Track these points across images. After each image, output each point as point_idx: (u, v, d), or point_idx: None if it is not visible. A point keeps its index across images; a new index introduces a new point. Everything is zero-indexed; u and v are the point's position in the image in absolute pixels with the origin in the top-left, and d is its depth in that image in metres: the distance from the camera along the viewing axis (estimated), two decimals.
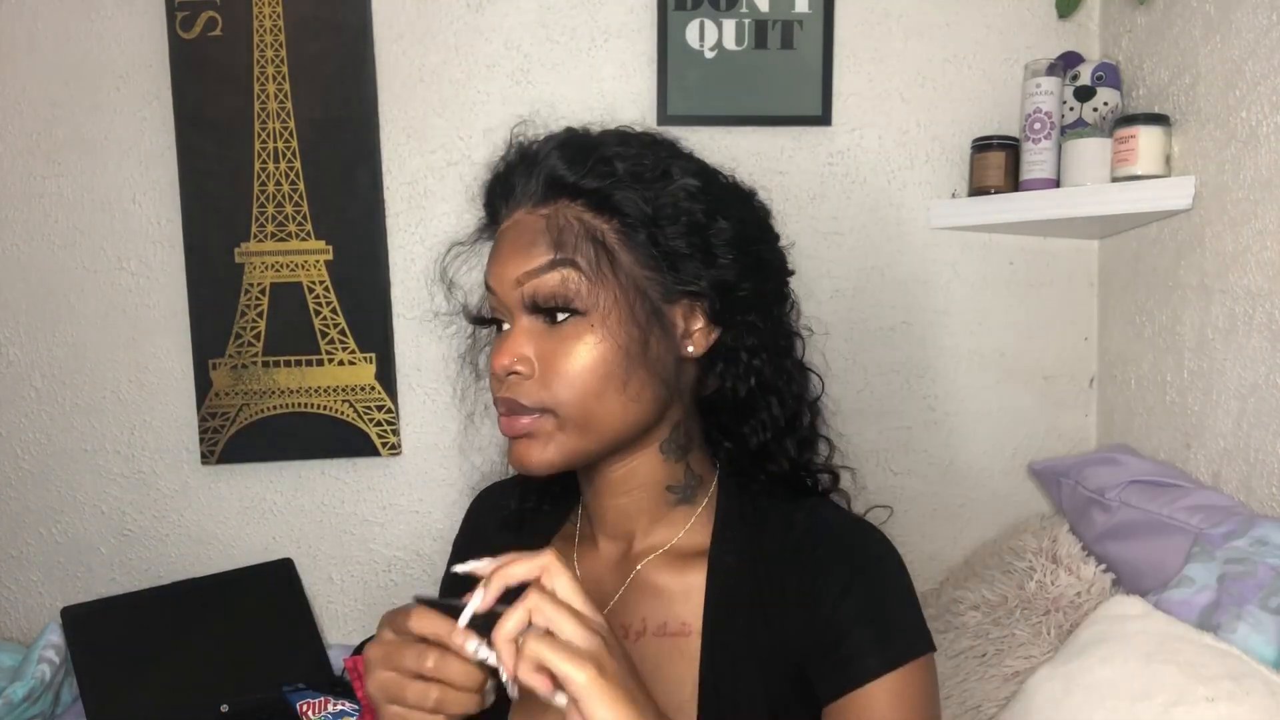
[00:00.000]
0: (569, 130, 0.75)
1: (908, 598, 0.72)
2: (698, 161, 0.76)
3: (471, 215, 0.81)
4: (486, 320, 0.77)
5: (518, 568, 0.57)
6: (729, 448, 0.77)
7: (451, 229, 1.52)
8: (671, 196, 0.70)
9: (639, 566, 0.76)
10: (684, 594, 0.74)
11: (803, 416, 0.79)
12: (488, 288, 0.73)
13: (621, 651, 0.58)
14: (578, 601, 0.57)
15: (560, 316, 0.69)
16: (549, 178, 0.71)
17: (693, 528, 0.77)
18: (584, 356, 0.68)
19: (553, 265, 0.68)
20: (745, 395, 0.74)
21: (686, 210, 0.70)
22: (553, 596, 0.56)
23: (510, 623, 0.55)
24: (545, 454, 0.70)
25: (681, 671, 0.72)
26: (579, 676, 0.53)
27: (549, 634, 0.55)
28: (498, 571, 0.57)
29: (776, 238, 0.80)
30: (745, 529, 0.75)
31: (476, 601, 0.56)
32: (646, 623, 0.75)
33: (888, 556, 0.73)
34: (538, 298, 0.69)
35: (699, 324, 0.73)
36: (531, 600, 0.55)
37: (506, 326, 0.72)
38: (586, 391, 0.68)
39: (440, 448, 1.57)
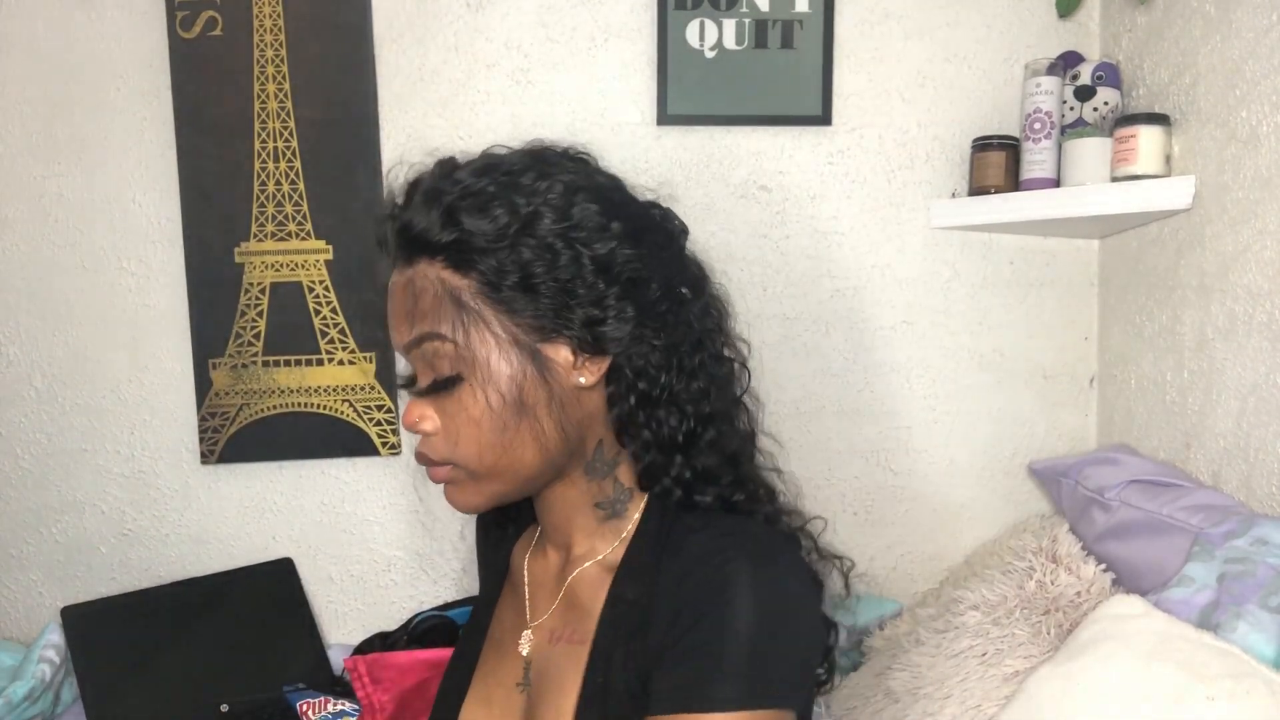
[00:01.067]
0: (436, 167, 0.74)
1: (793, 639, 0.66)
2: (564, 180, 0.71)
3: None
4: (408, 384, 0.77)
5: None
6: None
7: None
8: (528, 237, 0.68)
9: (569, 578, 0.78)
10: (592, 605, 0.75)
11: (719, 420, 0.76)
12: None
13: None
14: None
15: (441, 377, 0.70)
16: (406, 236, 0.70)
17: (619, 542, 0.77)
18: (471, 415, 0.69)
19: (420, 340, 0.70)
20: (626, 415, 0.73)
21: (545, 249, 0.68)
22: None
23: None
24: (467, 498, 0.74)
25: (572, 679, 0.72)
26: None
27: None
28: None
29: (665, 239, 0.77)
30: (652, 546, 0.74)
31: None
32: (564, 628, 0.77)
33: (784, 589, 0.68)
34: (424, 367, 0.71)
35: (585, 354, 0.71)
36: None
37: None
38: (482, 446, 0.70)
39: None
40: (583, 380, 0.71)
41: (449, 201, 0.69)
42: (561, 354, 0.71)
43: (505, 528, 0.91)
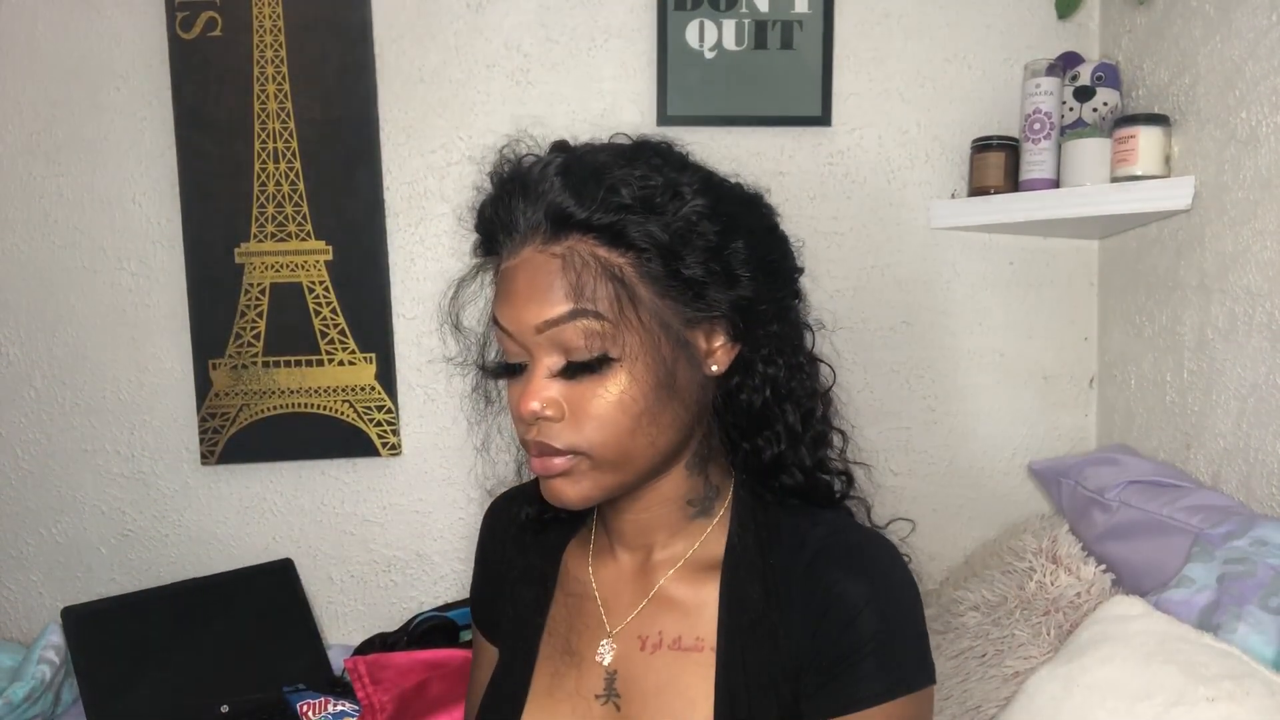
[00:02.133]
0: (564, 150, 0.72)
1: (917, 627, 0.71)
2: (702, 171, 0.73)
3: (471, 219, 0.77)
4: (501, 371, 0.74)
5: None
6: (746, 455, 0.76)
7: (451, 230, 1.52)
8: (685, 221, 0.67)
9: (660, 581, 0.76)
10: (699, 608, 0.74)
11: (816, 412, 0.78)
12: (499, 326, 0.70)
13: None
14: None
15: (587, 360, 0.66)
16: (557, 212, 0.66)
17: (709, 539, 0.76)
18: (614, 399, 0.66)
19: (574, 315, 0.65)
20: (761, 406, 0.73)
21: (701, 234, 0.68)
22: None
23: None
24: (581, 489, 0.70)
25: (697, 686, 0.72)
26: None
27: None
28: None
29: (785, 238, 0.79)
30: (757, 543, 0.74)
31: None
32: (663, 635, 0.75)
33: (902, 582, 0.72)
34: (562, 347, 0.67)
35: (720, 341, 0.71)
36: None
37: (523, 362, 0.69)
38: (620, 432, 0.67)
39: (440, 448, 1.57)
40: (715, 368, 0.71)
41: (609, 179, 0.66)
42: (700, 339, 0.70)
43: (545, 532, 0.87)
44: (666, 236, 0.66)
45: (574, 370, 0.67)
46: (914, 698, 0.68)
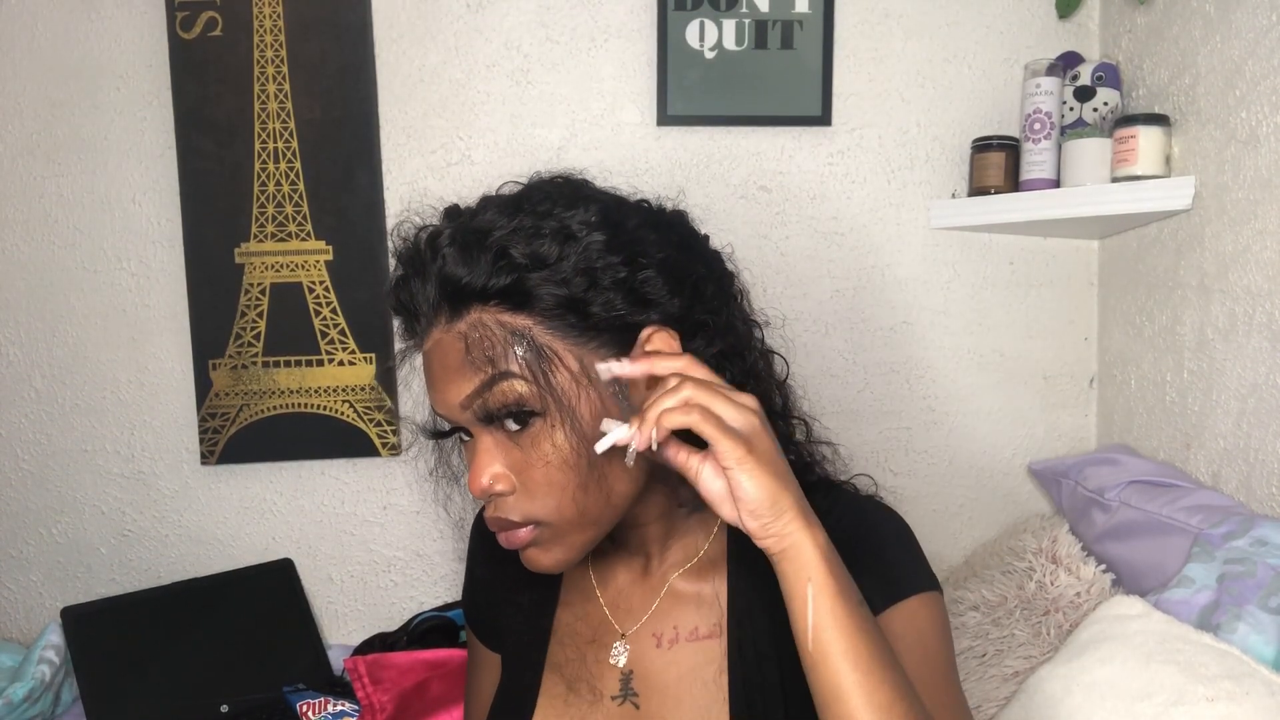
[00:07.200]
0: (449, 217, 0.70)
1: (908, 546, 0.74)
2: (600, 201, 0.69)
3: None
4: (447, 432, 0.74)
5: (662, 363, 0.62)
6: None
7: None
8: (584, 262, 0.64)
9: (671, 579, 0.77)
10: (711, 600, 0.75)
11: (777, 406, 0.78)
12: (435, 411, 0.70)
13: (769, 433, 0.61)
14: (722, 387, 0.60)
15: (519, 424, 0.65)
16: (452, 288, 0.65)
17: (715, 536, 0.77)
18: (556, 461, 0.65)
19: (490, 384, 0.64)
20: None
21: (604, 269, 0.65)
22: (700, 380, 0.60)
23: (661, 398, 0.59)
24: (554, 557, 0.69)
25: (714, 670, 0.73)
26: (733, 452, 0.57)
27: (704, 410, 0.59)
28: (644, 361, 0.62)
29: (704, 243, 0.77)
30: None
31: (625, 367, 0.63)
32: (678, 630, 0.75)
33: (886, 518, 0.76)
34: (492, 415, 0.65)
35: None
36: (681, 381, 0.59)
37: (468, 439, 0.69)
38: (571, 493, 0.65)
39: (440, 448, 1.56)
40: None
41: (496, 241, 0.64)
42: None
43: None
44: (567, 288, 0.64)
45: (511, 434, 0.66)
46: (922, 599, 0.70)
